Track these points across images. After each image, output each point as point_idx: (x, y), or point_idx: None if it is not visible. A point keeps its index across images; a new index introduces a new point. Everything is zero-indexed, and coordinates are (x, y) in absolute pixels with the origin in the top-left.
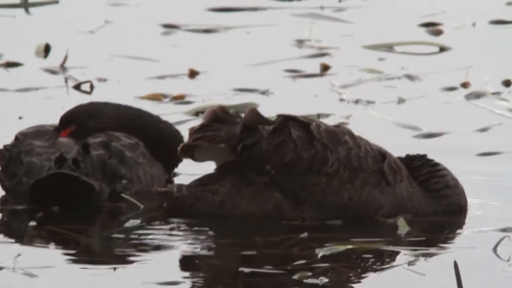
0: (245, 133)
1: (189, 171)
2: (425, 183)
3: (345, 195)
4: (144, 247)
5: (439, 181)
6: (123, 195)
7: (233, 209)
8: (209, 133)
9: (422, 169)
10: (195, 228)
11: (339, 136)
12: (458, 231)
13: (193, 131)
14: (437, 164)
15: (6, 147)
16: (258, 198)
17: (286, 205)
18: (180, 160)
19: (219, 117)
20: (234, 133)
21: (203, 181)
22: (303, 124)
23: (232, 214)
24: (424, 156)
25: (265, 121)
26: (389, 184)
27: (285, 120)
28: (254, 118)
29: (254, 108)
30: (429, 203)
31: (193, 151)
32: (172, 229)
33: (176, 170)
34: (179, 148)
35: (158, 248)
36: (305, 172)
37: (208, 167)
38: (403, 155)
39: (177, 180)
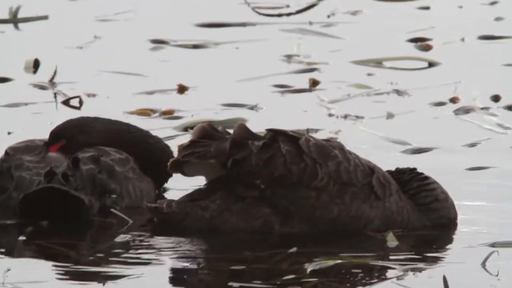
0: (234, 148)
1: (179, 186)
2: (414, 196)
3: (335, 209)
4: (133, 262)
5: (428, 195)
6: (112, 210)
7: (223, 224)
8: (198, 149)
9: (411, 183)
10: (184, 243)
11: (328, 150)
12: (447, 245)
13: (182, 148)
14: (426, 178)
15: None
16: (247, 214)
17: (276, 220)
18: (170, 175)
19: (208, 133)
20: (223, 148)
21: (193, 197)
22: (292, 139)
23: (221, 229)
24: (414, 169)
25: (254, 136)
26: (378, 198)
27: (275, 135)
28: (243, 133)
29: (243, 123)
30: (419, 217)
31: (183, 166)
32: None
33: (166, 185)
34: (168, 163)
35: (147, 263)
36: (295, 186)
37: (199, 182)
38: (393, 169)
39: (167, 195)
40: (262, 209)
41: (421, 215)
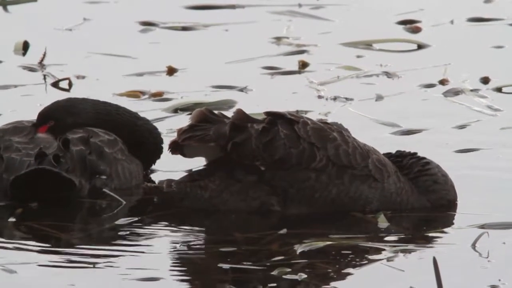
0: (234, 132)
1: (167, 167)
2: (414, 180)
3: (334, 190)
4: (124, 244)
5: (428, 179)
6: (105, 190)
7: (222, 204)
8: (198, 133)
9: (412, 167)
10: (175, 225)
11: (327, 133)
12: (438, 227)
13: (181, 131)
14: (428, 163)
15: None
16: (246, 194)
17: (275, 201)
18: (158, 157)
19: (207, 118)
20: (223, 132)
21: (193, 177)
22: (291, 122)
23: (220, 209)
24: (415, 154)
25: (253, 120)
26: (376, 180)
27: (274, 119)
28: (242, 118)
29: (241, 109)
30: (418, 198)
31: (183, 148)
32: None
33: (153, 166)
34: (168, 145)
35: (138, 244)
36: (294, 168)
37: (189, 165)
38: (382, 152)
39: (154, 177)
40: (260, 190)
41: (421, 196)
